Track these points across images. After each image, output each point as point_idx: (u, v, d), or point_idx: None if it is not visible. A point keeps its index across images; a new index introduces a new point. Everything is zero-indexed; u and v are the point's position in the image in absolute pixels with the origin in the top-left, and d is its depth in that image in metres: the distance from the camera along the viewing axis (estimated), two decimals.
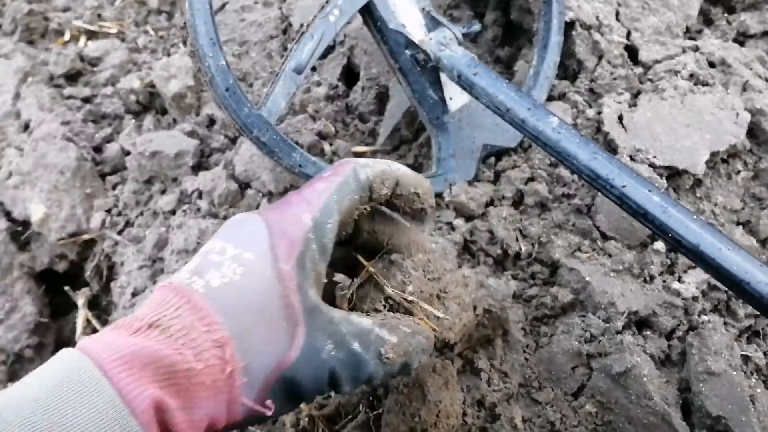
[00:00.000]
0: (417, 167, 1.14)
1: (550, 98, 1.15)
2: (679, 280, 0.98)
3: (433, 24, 1.03)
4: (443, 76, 1.04)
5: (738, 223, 1.03)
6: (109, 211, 1.18)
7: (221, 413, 0.51)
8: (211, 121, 1.24)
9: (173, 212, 1.11)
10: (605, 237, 1.01)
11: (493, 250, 1.01)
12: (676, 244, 0.83)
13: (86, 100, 1.32)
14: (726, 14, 1.24)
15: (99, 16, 1.45)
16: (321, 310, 0.56)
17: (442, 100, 1.06)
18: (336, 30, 0.98)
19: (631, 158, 1.02)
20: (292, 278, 0.56)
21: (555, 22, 1.12)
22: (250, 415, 0.53)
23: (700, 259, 0.82)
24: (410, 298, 0.65)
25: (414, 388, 0.84)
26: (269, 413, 0.53)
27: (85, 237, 1.17)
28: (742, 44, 1.21)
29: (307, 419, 0.88)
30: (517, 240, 1.01)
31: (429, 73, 1.04)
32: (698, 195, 1.03)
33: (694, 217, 0.83)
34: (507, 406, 0.93)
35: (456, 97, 1.06)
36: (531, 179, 1.06)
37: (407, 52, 1.02)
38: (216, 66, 0.90)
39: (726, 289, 0.97)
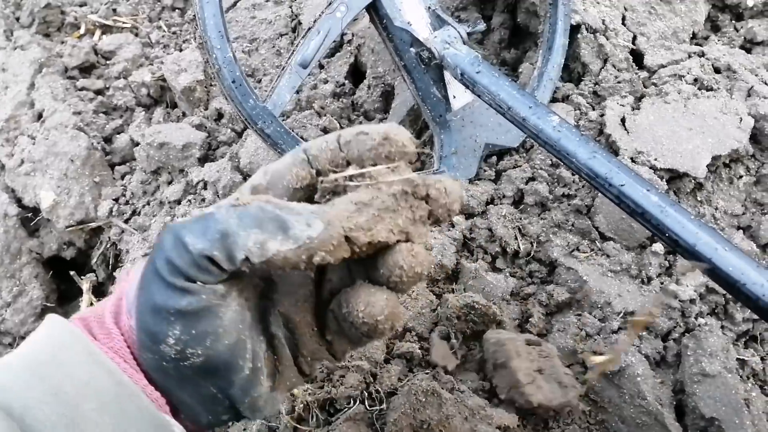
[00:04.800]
0: (420, 165, 1.15)
1: (554, 100, 1.16)
2: (677, 282, 0.98)
3: (438, 23, 1.04)
4: (447, 75, 1.05)
5: (739, 228, 1.03)
6: (116, 200, 1.19)
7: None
8: (219, 115, 1.26)
9: (179, 202, 1.13)
10: (604, 238, 1.01)
11: (491, 247, 1.02)
12: (673, 244, 0.84)
13: (98, 92, 1.35)
14: (734, 21, 1.25)
15: (114, 11, 1.48)
16: None
17: (445, 98, 1.07)
18: (342, 26, 0.99)
19: (633, 160, 1.02)
20: None
21: (560, 25, 1.13)
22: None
23: (696, 258, 0.82)
24: None
25: (431, 396, 0.85)
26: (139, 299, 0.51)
27: (93, 225, 1.18)
28: (749, 51, 1.21)
29: (302, 406, 0.89)
30: (516, 238, 1.02)
31: (433, 71, 1.05)
32: (699, 198, 1.03)
33: (692, 217, 0.84)
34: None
35: (459, 96, 1.07)
36: (532, 179, 1.06)
37: (412, 49, 1.04)
38: (223, 58, 0.92)
39: (724, 292, 0.97)
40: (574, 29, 1.18)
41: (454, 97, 1.07)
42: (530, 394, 0.87)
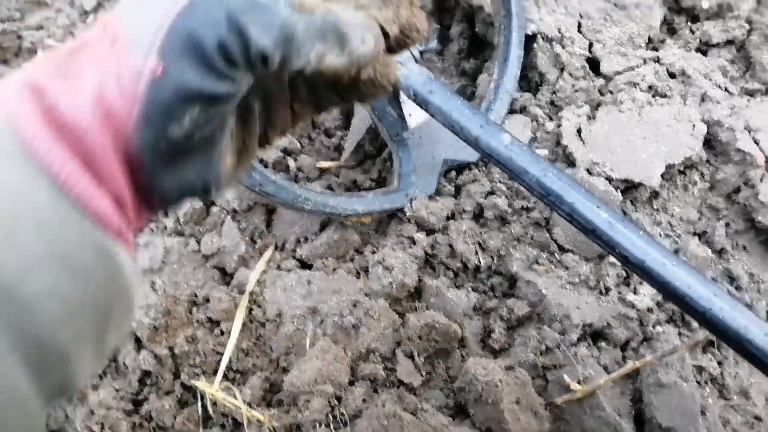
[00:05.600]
0: (381, 182, 1.16)
1: (512, 111, 1.16)
2: (635, 291, 0.99)
3: None
4: (402, 94, 1.06)
5: (695, 234, 1.04)
6: None
7: (112, 89, 0.41)
8: None
9: (140, 231, 1.14)
10: (562, 249, 1.02)
11: (453, 263, 1.03)
12: (623, 260, 0.85)
13: None
14: (689, 23, 1.25)
15: (71, 33, 1.47)
16: None
17: (401, 117, 1.07)
18: None
19: (589, 171, 1.03)
20: None
21: (515, 36, 1.14)
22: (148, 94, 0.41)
23: (645, 274, 0.83)
24: None
25: (393, 418, 0.86)
26: (158, 72, 0.41)
27: None
28: (704, 53, 1.22)
29: (268, 431, 0.91)
30: (477, 253, 1.03)
31: None
32: (655, 207, 1.04)
33: (641, 233, 0.85)
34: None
35: (415, 114, 1.08)
36: (491, 193, 1.07)
37: None
38: None
39: None
40: (531, 38, 1.19)
41: (410, 115, 1.08)
42: (510, 429, 0.88)
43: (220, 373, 0.97)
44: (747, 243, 1.03)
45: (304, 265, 1.06)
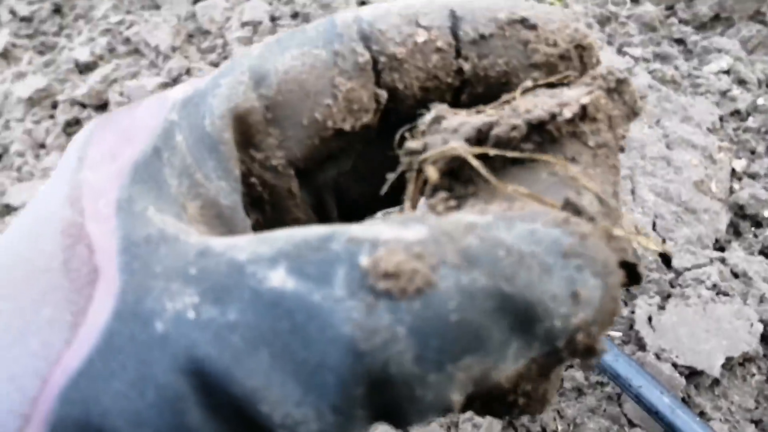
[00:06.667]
0: None
1: None
2: None
3: None
4: None
5: (752, 421, 1.17)
6: None
7: None
8: None
9: None
10: (632, 424, 1.17)
11: (533, 427, 1.19)
12: None
13: None
14: (753, 228, 1.43)
15: None
16: (179, 240, 0.26)
17: None
18: None
19: (657, 356, 1.20)
20: (104, 192, 0.27)
21: None
22: None
23: None
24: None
25: None
26: None
27: None
28: (767, 256, 1.39)
29: None
30: (555, 420, 1.19)
31: None
32: (716, 393, 1.19)
33: (697, 419, 1.01)
34: None
35: None
36: (570, 366, 1.25)
37: None
38: None
39: None
40: None
41: None
42: None
43: None
44: None
45: None
